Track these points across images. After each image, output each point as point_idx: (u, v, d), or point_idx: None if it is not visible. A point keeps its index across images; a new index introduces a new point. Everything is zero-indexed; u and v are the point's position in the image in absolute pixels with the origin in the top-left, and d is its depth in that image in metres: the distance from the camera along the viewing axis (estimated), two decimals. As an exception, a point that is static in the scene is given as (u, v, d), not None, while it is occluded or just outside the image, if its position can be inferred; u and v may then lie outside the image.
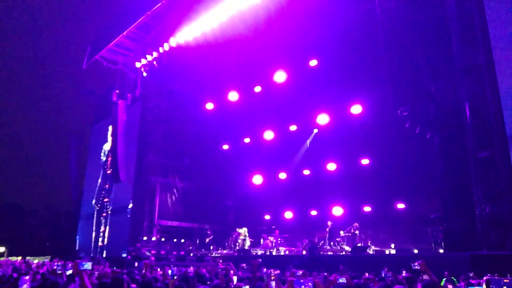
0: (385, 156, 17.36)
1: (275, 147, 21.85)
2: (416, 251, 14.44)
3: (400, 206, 16.65)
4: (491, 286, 2.73)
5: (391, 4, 15.55)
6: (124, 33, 21.96)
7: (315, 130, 20.68)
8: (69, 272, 6.37)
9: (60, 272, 6.62)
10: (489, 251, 11.34)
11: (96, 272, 8.70)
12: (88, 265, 4.14)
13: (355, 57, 17.96)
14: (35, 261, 16.69)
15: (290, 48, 19.08)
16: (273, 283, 4.76)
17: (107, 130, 24.96)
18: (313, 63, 19.29)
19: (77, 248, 26.68)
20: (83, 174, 28.88)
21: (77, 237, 27.56)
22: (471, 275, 8.11)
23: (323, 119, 19.65)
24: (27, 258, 20.40)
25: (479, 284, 4.95)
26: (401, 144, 16.55)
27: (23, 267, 10.21)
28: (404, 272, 8.05)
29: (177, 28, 20.45)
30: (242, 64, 20.52)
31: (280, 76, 20.46)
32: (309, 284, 3.02)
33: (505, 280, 2.75)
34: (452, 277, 8.64)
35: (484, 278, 2.90)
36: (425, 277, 5.20)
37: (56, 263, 8.10)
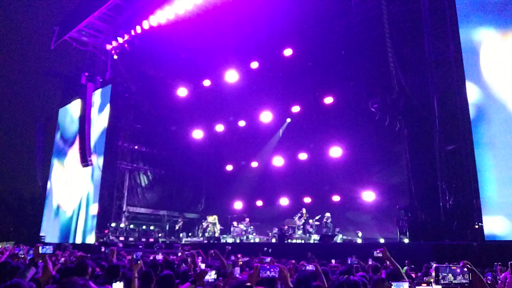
0: (354, 147, 17.63)
1: (247, 136, 21.84)
2: (382, 240, 14.79)
3: (368, 196, 16.99)
4: (439, 273, 2.84)
5: (366, -3, 15.69)
6: (95, 14, 21.30)
7: (288, 120, 20.77)
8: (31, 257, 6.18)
9: (22, 256, 6.42)
10: (451, 241, 11.75)
11: (62, 258, 8.51)
12: (48, 249, 4.01)
13: (329, 49, 18.07)
14: (-2, 247, 16.20)
15: (265, 36, 19.00)
16: (238, 269, 4.75)
17: (75, 113, 24.27)
18: (287, 52, 19.28)
19: (42, 234, 25.99)
20: (50, 158, 28.06)
21: (43, 223, 26.84)
22: (433, 264, 8.35)
23: (295, 108, 19.76)
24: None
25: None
26: (370, 136, 16.86)
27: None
28: (371, 260, 8.21)
29: (150, 10, 19.94)
30: (215, 49, 20.32)
31: (254, 64, 20.38)
32: (275, 269, 3.03)
33: (452, 268, 2.85)
34: (412, 266, 8.88)
35: (434, 266, 3.00)
36: (388, 263, 5.32)
37: (20, 248, 7.86)
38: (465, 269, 2.84)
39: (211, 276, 4.19)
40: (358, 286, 3.69)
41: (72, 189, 24.38)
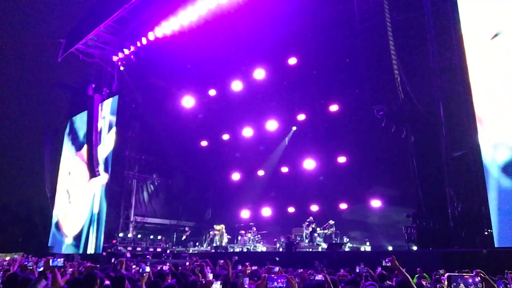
0: (361, 154, 17.60)
1: (253, 144, 21.87)
2: (390, 248, 14.69)
3: (376, 203, 16.90)
4: (451, 282, 2.80)
5: (369, 4, 15.71)
6: (101, 26, 21.56)
7: (294, 128, 20.79)
8: (41, 269, 6.21)
9: (31, 268, 6.46)
10: (460, 248, 11.63)
11: (70, 269, 8.53)
12: (59, 262, 4.05)
13: (333, 57, 18.13)
14: (7, 258, 16.25)
15: (269, 45, 19.10)
16: (247, 279, 4.75)
17: (83, 124, 24.47)
18: (292, 61, 19.36)
19: (50, 244, 26.09)
20: (58, 169, 28.25)
21: (51, 233, 26.96)
22: (441, 271, 8.27)
23: (301, 116, 19.80)
24: (-2, 254, 19.88)
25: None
26: (376, 143, 16.82)
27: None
28: (379, 269, 8.14)
29: (156, 22, 20.16)
30: (221, 59, 20.44)
31: (259, 73, 20.46)
32: (283, 280, 3.04)
33: (465, 276, 2.82)
34: (424, 274, 8.78)
35: (446, 274, 2.95)
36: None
37: (28, 260, 7.90)
38: (478, 278, 2.80)
39: (217, 287, 4.20)
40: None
41: (81, 200, 24.48)
